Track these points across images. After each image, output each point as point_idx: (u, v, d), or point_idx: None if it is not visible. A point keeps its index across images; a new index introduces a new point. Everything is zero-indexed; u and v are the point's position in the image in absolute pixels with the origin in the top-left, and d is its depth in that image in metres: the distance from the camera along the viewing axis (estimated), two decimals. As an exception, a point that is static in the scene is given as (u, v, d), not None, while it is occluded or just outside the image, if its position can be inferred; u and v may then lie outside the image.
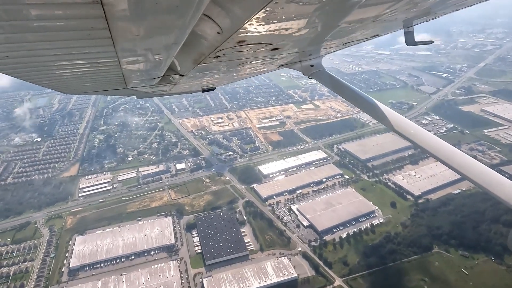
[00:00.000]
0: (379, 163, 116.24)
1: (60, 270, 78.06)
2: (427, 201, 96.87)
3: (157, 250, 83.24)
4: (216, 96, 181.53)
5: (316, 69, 9.10)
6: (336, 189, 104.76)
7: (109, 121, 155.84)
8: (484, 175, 6.23)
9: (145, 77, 5.58)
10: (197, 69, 6.00)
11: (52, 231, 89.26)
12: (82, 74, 4.32)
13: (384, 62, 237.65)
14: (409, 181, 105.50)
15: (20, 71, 3.43)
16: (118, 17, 2.17)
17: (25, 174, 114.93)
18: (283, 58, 7.17)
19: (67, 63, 3.50)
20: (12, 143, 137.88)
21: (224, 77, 10.56)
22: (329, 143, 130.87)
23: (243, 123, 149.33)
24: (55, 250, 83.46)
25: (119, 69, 4.03)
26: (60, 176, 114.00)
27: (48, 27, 2.18)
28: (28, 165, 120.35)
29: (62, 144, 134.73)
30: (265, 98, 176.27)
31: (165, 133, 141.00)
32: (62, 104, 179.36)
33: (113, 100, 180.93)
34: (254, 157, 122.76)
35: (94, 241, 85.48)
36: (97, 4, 1.87)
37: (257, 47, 4.82)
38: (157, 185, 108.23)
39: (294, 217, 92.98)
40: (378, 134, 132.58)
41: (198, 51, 4.77)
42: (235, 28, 3.48)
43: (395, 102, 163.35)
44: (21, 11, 1.86)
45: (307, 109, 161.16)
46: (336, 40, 6.49)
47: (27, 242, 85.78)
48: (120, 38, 2.62)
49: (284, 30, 4.07)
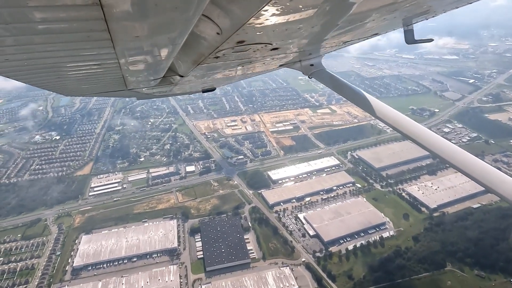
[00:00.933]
0: (394, 172, 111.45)
1: (64, 268, 79.08)
2: (443, 214, 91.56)
3: (159, 253, 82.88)
4: (232, 99, 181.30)
5: (316, 69, 9.33)
6: (346, 198, 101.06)
7: (125, 121, 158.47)
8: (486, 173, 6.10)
9: (145, 78, 5.58)
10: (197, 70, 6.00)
11: (60, 229, 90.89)
12: (82, 76, 4.37)
13: (407, 66, 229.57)
14: (425, 192, 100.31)
15: (21, 73, 3.45)
16: (117, 19, 2.19)
17: (41, 171, 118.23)
18: (283, 57, 7.16)
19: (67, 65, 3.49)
20: (32, 141, 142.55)
21: (224, 78, 10.55)
22: (343, 150, 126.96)
23: (256, 126, 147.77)
24: (61, 248, 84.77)
25: (119, 71, 4.05)
26: (74, 174, 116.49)
27: (48, 30, 2.21)
28: (45, 163, 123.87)
29: (79, 143, 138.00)
30: (281, 102, 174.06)
31: (178, 135, 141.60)
32: (83, 104, 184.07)
33: (131, 101, 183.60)
34: (265, 162, 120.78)
35: (99, 241, 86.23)
36: (96, 6, 1.88)
37: (257, 47, 4.83)
38: (165, 186, 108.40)
39: (300, 225, 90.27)
40: (395, 141, 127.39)
41: (198, 52, 4.78)
42: (234, 28, 3.50)
43: (415, 109, 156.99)
44: (21, 14, 1.88)
45: (323, 113, 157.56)
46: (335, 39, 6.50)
47: (35, 239, 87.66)
48: (119, 40, 2.66)
49: (283, 30, 4.11)
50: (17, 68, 3.13)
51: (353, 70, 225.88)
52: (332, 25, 4.72)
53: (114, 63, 3.47)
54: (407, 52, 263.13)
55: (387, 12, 4.85)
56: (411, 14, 6.12)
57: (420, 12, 6.09)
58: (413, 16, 6.40)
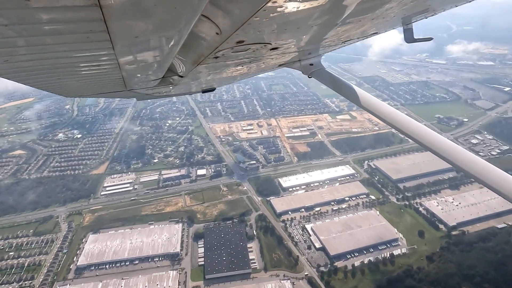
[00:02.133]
0: (412, 184, 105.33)
1: (68, 266, 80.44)
2: (462, 233, 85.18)
3: (161, 257, 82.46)
4: (250, 102, 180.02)
5: (316, 68, 9.10)
6: (358, 210, 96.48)
7: (144, 122, 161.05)
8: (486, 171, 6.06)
9: (145, 78, 5.56)
10: (197, 70, 5.97)
11: (70, 227, 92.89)
12: (81, 77, 4.37)
13: (437, 72, 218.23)
14: (445, 208, 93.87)
15: (20, 75, 3.47)
16: (116, 20, 2.21)
17: (59, 169, 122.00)
18: (282, 57, 7.19)
19: (67, 66, 3.51)
20: (55, 138, 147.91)
21: (224, 78, 10.53)
22: (359, 158, 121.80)
23: (272, 131, 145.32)
24: (68, 246, 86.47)
25: (119, 71, 4.01)
26: (89, 173, 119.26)
27: (47, 31, 2.23)
28: (64, 161, 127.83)
29: (98, 142, 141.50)
30: (299, 106, 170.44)
31: (193, 137, 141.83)
32: (106, 103, 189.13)
33: (152, 102, 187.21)
34: (277, 168, 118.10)
35: (105, 241, 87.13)
36: (95, 7, 1.90)
37: (256, 47, 4.81)
38: (175, 189, 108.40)
39: (307, 236, 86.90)
40: (416, 152, 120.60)
41: (197, 52, 4.77)
42: (233, 28, 3.50)
43: (442, 117, 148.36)
44: (20, 16, 1.90)
45: (342, 120, 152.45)
46: (335, 38, 6.54)
47: (46, 236, 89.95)
48: (119, 40, 2.66)
49: (283, 29, 4.16)
50: (17, 69, 3.14)
51: (378, 75, 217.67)
52: (331, 25, 4.73)
53: (113, 64, 3.45)
54: (438, 57, 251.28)
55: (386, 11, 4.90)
56: (410, 13, 6.15)
57: (419, 11, 6.12)
58: (412, 15, 6.44)
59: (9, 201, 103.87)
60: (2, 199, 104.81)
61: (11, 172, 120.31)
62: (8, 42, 2.25)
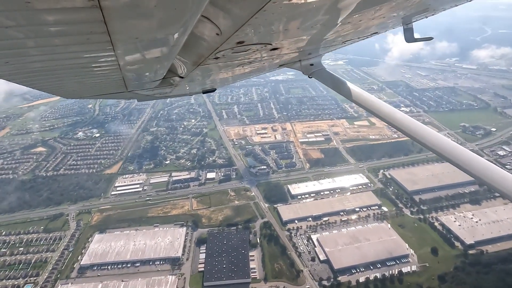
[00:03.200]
0: (429, 197, 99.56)
1: (72, 265, 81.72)
2: (480, 253, 79.22)
3: (162, 261, 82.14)
4: (267, 105, 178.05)
5: (316, 68, 9.09)
6: (368, 222, 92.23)
7: (160, 123, 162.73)
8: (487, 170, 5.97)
9: (146, 80, 5.57)
10: (197, 71, 5.98)
11: (78, 225, 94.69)
12: (82, 78, 4.41)
13: (466, 77, 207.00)
14: (463, 224, 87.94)
15: (21, 76, 3.49)
16: (117, 21, 2.22)
17: (75, 167, 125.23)
18: (283, 57, 7.21)
19: (67, 67, 3.52)
20: (75, 137, 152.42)
21: (224, 78, 10.57)
22: (374, 167, 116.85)
23: (286, 135, 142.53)
24: (75, 245, 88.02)
25: (119, 73, 4.01)
26: (103, 172, 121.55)
27: (48, 33, 2.25)
28: (80, 159, 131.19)
29: (114, 142, 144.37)
30: (317, 111, 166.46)
31: (207, 140, 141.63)
32: (127, 103, 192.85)
33: (170, 102, 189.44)
34: (287, 174, 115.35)
35: (110, 241, 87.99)
36: (96, 8, 1.91)
37: (256, 47, 4.85)
38: (183, 192, 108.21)
39: (312, 247, 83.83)
40: (436, 162, 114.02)
41: (197, 53, 4.78)
42: (234, 29, 3.53)
43: (467, 126, 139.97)
44: (21, 17, 1.91)
45: (359, 126, 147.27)
46: (335, 38, 6.55)
47: (55, 233, 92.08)
48: (119, 42, 2.68)
49: (283, 29, 4.16)
50: (18, 71, 3.17)
51: (402, 80, 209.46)
52: (331, 25, 4.74)
53: (114, 65, 3.46)
54: (469, 61, 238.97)
55: (386, 11, 4.95)
56: (410, 13, 6.20)
57: (419, 11, 6.16)
58: (413, 14, 6.48)
59: (25, 197, 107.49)
60: (19, 195, 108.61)
61: (30, 168, 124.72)
62: (9, 43, 2.27)
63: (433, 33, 10.55)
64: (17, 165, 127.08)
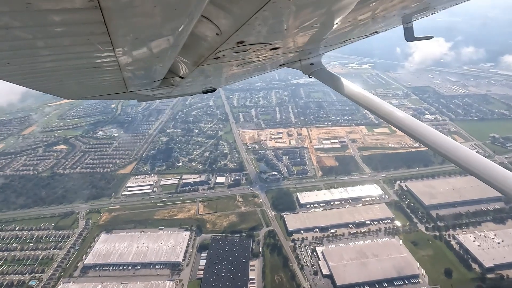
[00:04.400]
0: (447, 213, 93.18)
1: (76, 264, 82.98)
2: (500, 277, 72.89)
3: (162, 265, 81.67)
4: (285, 109, 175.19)
5: (316, 68, 9.13)
6: (379, 236, 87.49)
7: (178, 124, 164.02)
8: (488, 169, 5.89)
9: (146, 80, 5.59)
10: (197, 71, 5.98)
11: (86, 224, 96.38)
12: (82, 79, 4.45)
13: (500, 84, 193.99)
14: (483, 245, 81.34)
15: (22, 77, 3.51)
16: (117, 22, 2.23)
17: (91, 166, 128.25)
18: (283, 57, 7.29)
19: (68, 68, 3.53)
20: (95, 136, 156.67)
21: (224, 78, 10.54)
22: (391, 178, 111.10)
23: (301, 141, 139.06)
24: (81, 244, 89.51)
25: (120, 73, 4.02)
26: (116, 172, 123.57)
27: (48, 34, 2.27)
28: (97, 158, 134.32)
29: (131, 142, 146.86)
30: (335, 116, 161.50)
31: (220, 143, 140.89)
32: (148, 104, 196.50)
33: (189, 104, 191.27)
34: (298, 182, 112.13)
35: (114, 242, 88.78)
36: (95, 9, 1.92)
37: (256, 47, 4.86)
38: (191, 195, 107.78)
39: (315, 261, 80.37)
40: (458, 175, 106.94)
41: (197, 53, 4.80)
42: (234, 29, 3.55)
43: (497, 137, 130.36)
44: (22, 18, 1.93)
45: (379, 133, 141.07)
46: (335, 38, 6.61)
47: (64, 231, 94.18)
48: (119, 42, 2.70)
49: (283, 29, 4.19)
50: (18, 72, 3.19)
51: (430, 86, 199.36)
52: (331, 24, 4.70)
53: (114, 65, 3.47)
54: (505, 67, 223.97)
55: (386, 10, 4.96)
56: (410, 12, 6.15)
57: (419, 10, 6.11)
58: (413, 13, 6.42)
59: (41, 194, 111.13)
60: (36, 191, 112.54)
61: (50, 166, 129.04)
62: (9, 45, 2.29)
63: (464, 36, 8.70)
64: (38, 162, 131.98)
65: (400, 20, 6.87)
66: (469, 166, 6.03)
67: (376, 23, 5.91)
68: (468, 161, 6.08)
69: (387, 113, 7.57)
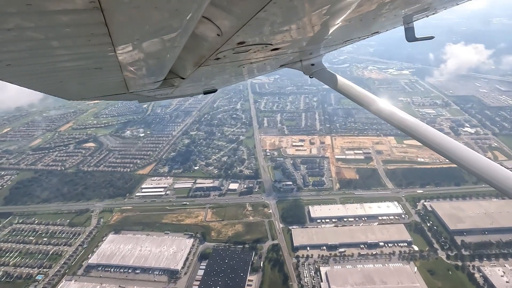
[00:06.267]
0: (475, 240, 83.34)
1: (81, 262, 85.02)
2: (528, 324, 63.03)
3: (161, 271, 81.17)
4: (312, 115, 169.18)
5: (317, 68, 9.12)
6: (391, 260, 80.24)
7: (202, 127, 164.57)
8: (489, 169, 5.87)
9: (147, 81, 5.60)
10: (198, 72, 5.98)
11: (98, 223, 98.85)
12: (83, 80, 4.45)
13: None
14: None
15: (23, 79, 3.52)
16: (118, 22, 2.24)
17: (113, 165, 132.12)
18: (284, 58, 7.30)
19: (69, 69, 3.55)
20: (123, 135, 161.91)
21: (225, 79, 10.63)
22: (415, 196, 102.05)
23: (322, 150, 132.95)
24: (89, 242, 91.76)
25: (121, 74, 4.04)
26: (135, 172, 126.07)
27: (49, 35, 2.29)
28: (120, 157, 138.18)
29: (154, 143, 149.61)
30: (363, 125, 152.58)
31: (240, 148, 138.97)
32: (177, 105, 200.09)
33: (217, 106, 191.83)
34: (312, 194, 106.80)
35: (120, 243, 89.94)
36: (97, 10, 1.94)
37: (257, 47, 4.89)
38: (202, 200, 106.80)
39: (317, 282, 75.31)
40: (494, 197, 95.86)
41: (198, 54, 4.81)
42: (234, 29, 3.55)
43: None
44: (22, 19, 1.94)
45: (409, 145, 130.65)
46: (336, 38, 6.57)
47: (76, 228, 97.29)
48: (120, 43, 2.71)
49: (284, 30, 4.23)
50: (19, 73, 3.21)
51: (475, 95, 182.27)
52: (332, 24, 4.70)
53: (115, 66, 3.47)
54: None
55: (387, 10, 4.97)
56: (411, 12, 6.20)
57: (420, 10, 6.14)
58: (414, 13, 6.46)
59: (63, 190, 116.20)
60: (59, 187, 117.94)
61: (76, 162, 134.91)
62: (10, 46, 2.30)
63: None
64: (67, 158, 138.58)
65: (401, 20, 6.96)
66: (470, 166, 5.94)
67: (377, 23, 5.95)
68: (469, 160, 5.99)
69: (388, 113, 7.42)
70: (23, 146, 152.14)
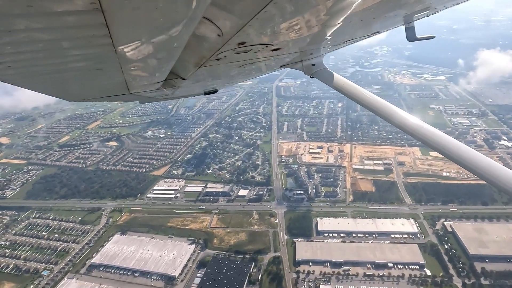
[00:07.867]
0: (497, 268, 75.18)
1: (85, 261, 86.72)
2: None
3: (158, 277, 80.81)
4: (334, 122, 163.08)
5: (318, 68, 9.05)
6: (399, 284, 74.13)
7: (221, 130, 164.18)
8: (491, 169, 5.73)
9: (148, 81, 5.65)
10: (199, 72, 6.01)
11: (106, 222, 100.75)
12: (84, 81, 4.48)
13: None
14: (536, 320, 63.05)
15: (24, 80, 3.54)
16: (118, 24, 2.26)
17: (131, 164, 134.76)
18: (284, 58, 7.32)
19: (70, 70, 3.58)
20: (144, 135, 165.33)
21: (226, 79, 10.73)
22: (434, 214, 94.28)
23: (340, 159, 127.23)
24: (96, 241, 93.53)
25: (121, 75, 4.06)
26: (150, 173, 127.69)
27: (50, 36, 2.30)
28: (138, 157, 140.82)
29: (172, 144, 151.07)
30: (387, 134, 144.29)
31: (255, 153, 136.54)
32: (201, 107, 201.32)
33: (239, 109, 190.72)
34: (323, 205, 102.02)
35: (124, 244, 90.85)
36: (97, 11, 1.95)
37: (258, 48, 4.89)
38: (209, 205, 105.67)
39: (315, 301, 71.21)
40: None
41: (199, 54, 4.83)
42: (235, 30, 3.57)
43: None
44: (23, 21, 1.94)
45: (434, 158, 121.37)
46: (336, 38, 6.56)
47: (86, 226, 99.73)
48: (121, 44, 2.72)
49: (284, 30, 4.23)
50: (20, 74, 3.23)
51: (498, 103, 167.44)
52: (332, 24, 4.71)
53: (116, 67, 3.51)
54: None
55: (388, 10, 4.99)
56: (412, 11, 6.25)
57: (421, 9, 6.21)
58: (414, 13, 6.53)
59: (81, 187, 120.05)
60: (77, 184, 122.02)
61: (97, 160, 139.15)
62: (11, 47, 2.32)
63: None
64: (89, 156, 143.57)
65: (402, 20, 7.01)
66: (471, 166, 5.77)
67: (377, 23, 5.94)
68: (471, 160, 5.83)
69: (389, 114, 7.20)
70: (52, 143, 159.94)
